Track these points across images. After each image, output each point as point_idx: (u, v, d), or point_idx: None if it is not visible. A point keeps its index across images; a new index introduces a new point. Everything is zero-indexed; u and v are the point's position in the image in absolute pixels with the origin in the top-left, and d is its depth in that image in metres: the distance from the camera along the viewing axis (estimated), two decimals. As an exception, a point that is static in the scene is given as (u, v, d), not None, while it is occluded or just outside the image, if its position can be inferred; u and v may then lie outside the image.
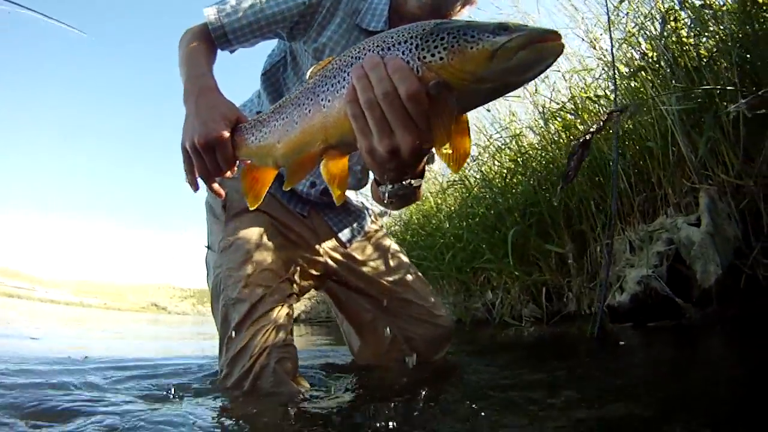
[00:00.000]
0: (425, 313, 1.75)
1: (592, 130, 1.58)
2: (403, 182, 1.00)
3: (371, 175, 1.55)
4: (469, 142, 0.78)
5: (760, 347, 1.39)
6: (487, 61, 0.70)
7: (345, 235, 1.72)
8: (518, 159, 3.27)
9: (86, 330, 5.16)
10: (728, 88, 1.64)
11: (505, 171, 3.45)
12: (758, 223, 1.71)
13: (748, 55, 1.60)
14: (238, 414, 1.14)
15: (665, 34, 1.91)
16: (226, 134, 1.05)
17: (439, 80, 0.72)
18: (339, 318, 1.91)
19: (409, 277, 1.81)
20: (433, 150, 0.79)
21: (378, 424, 0.97)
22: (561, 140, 2.95)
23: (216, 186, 1.12)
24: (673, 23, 1.93)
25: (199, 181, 1.12)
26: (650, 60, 2.09)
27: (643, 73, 2.10)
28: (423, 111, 0.72)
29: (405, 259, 1.87)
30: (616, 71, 2.17)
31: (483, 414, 1.02)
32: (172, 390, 1.35)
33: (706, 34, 1.85)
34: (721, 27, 1.71)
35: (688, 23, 1.97)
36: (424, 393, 1.20)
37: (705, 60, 1.86)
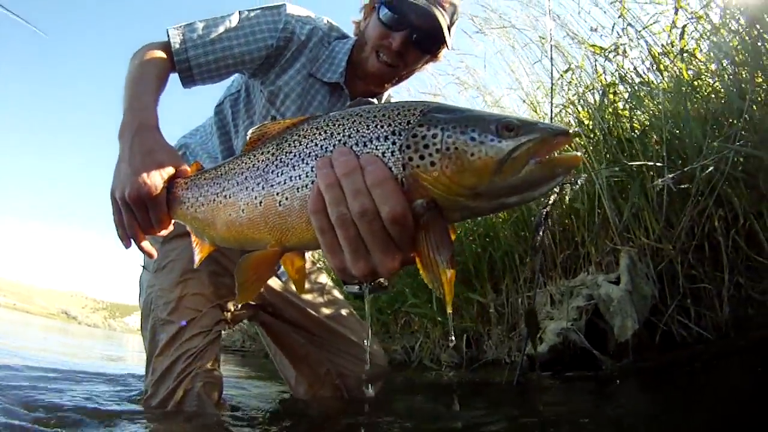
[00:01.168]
0: (359, 350, 1.68)
1: (549, 202, 1.66)
2: (372, 283, 0.94)
3: None
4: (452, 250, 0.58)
5: (672, 396, 1.45)
6: (491, 175, 0.54)
7: (282, 269, 1.62)
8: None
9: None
10: (657, 164, 1.79)
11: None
12: (675, 283, 1.77)
13: (677, 131, 1.78)
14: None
15: (604, 105, 2.10)
16: (160, 190, 0.88)
17: (428, 199, 0.56)
18: (271, 350, 1.82)
19: (344, 312, 1.77)
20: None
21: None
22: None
23: (146, 245, 0.95)
24: (612, 96, 2.13)
25: None
26: (586, 127, 2.26)
27: (577, 139, 2.27)
28: (408, 234, 0.57)
29: (339, 296, 1.84)
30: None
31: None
32: (92, 408, 1.31)
33: (642, 108, 2.04)
34: (656, 103, 1.90)
35: (626, 97, 2.12)
36: (347, 427, 1.22)
37: (637, 132, 1.99)
